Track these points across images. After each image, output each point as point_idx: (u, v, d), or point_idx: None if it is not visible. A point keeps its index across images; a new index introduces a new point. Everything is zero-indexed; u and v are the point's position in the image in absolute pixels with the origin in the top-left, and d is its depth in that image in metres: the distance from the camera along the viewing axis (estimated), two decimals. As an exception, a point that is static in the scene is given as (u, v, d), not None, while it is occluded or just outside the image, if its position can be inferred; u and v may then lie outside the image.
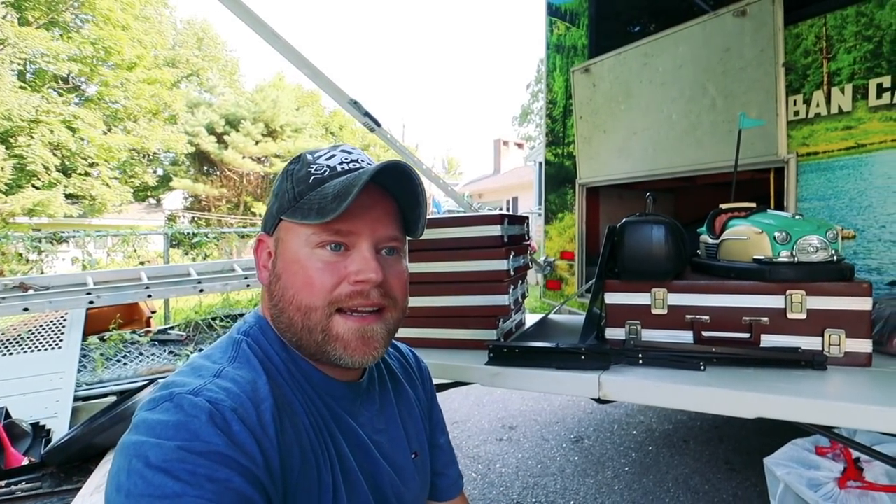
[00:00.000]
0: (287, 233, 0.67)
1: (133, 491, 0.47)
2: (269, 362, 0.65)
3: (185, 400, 0.53)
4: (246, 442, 0.53)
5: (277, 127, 23.07)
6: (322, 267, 0.64)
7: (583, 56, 3.13)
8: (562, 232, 3.34)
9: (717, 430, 2.99)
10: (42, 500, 2.25)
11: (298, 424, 0.62)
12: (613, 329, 1.30)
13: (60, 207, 15.33)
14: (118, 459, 0.51)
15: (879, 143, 1.83)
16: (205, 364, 0.61)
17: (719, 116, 2.30)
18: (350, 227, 0.65)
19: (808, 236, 1.13)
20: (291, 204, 0.66)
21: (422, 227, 0.71)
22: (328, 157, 0.69)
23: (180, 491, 0.47)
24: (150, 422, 0.52)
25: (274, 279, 0.68)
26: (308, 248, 0.65)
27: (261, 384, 0.60)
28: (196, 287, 3.35)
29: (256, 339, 0.67)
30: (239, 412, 0.54)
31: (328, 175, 0.67)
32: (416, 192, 0.68)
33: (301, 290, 0.64)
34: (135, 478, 0.48)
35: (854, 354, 1.09)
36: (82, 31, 16.09)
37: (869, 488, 1.45)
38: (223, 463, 0.50)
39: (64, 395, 2.76)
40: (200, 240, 7.61)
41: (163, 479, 0.47)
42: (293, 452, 0.59)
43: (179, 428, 0.51)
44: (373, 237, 0.66)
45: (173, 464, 0.48)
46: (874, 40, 1.84)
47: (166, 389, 0.56)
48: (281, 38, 2.21)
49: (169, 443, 0.50)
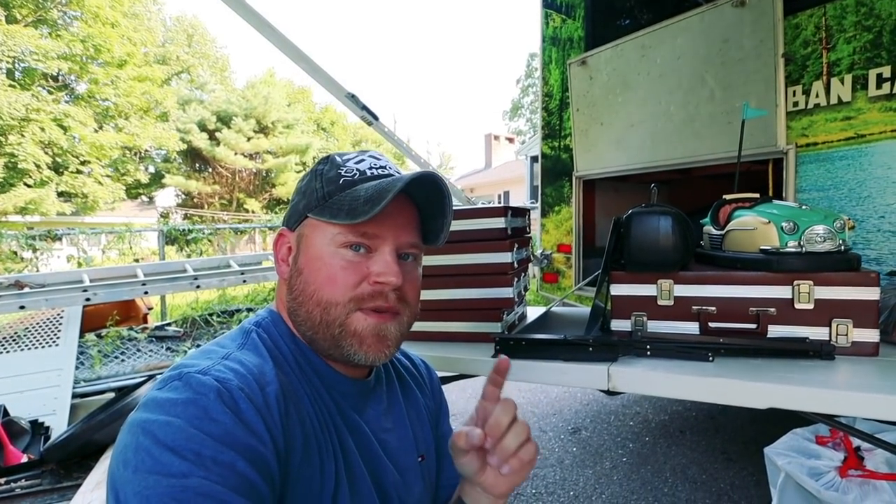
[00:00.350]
0: (312, 230, 0.68)
1: (140, 467, 0.48)
2: (278, 351, 0.67)
3: (193, 379, 0.54)
4: (252, 420, 0.54)
5: (269, 123, 22.95)
6: (345, 265, 0.66)
7: (579, 48, 3.12)
8: (558, 225, 3.34)
9: (713, 420, 3.01)
10: (42, 497, 2.24)
11: (303, 412, 0.63)
12: (619, 321, 1.30)
13: (53, 205, 15.22)
14: (125, 436, 0.51)
15: (879, 134, 1.84)
16: (214, 349, 0.63)
17: (718, 108, 2.30)
18: (376, 230, 0.66)
19: (816, 226, 1.13)
20: (320, 203, 0.68)
21: (443, 237, 0.74)
22: (357, 160, 0.71)
23: (187, 471, 0.47)
24: (160, 399, 0.53)
25: (295, 273, 0.69)
26: (332, 247, 0.66)
27: (267, 369, 0.61)
28: (192, 283, 3.34)
29: (267, 329, 0.69)
30: (245, 391, 0.55)
31: (358, 178, 0.68)
32: (444, 204, 0.71)
33: (323, 285, 0.66)
34: (142, 454, 0.48)
35: (861, 344, 1.09)
36: (71, 29, 15.90)
37: (870, 477, 1.46)
38: (229, 444, 0.51)
39: (62, 393, 2.74)
40: (196, 236, 7.55)
41: (170, 458, 0.48)
42: (296, 438, 0.60)
43: (188, 405, 0.51)
44: (396, 242, 0.68)
45: (181, 442, 0.49)
46: (874, 30, 1.84)
47: (175, 370, 0.56)
48: (278, 32, 2.19)
49: (177, 420, 0.50)
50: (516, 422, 0.63)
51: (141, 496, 0.46)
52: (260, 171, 23.01)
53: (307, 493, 0.60)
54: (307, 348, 0.69)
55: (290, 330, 0.70)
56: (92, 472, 2.28)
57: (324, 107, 28.87)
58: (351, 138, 29.00)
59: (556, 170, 3.36)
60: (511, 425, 0.62)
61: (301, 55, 2.21)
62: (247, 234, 13.34)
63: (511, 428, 0.62)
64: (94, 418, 2.48)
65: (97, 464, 2.34)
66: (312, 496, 0.60)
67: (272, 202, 23.31)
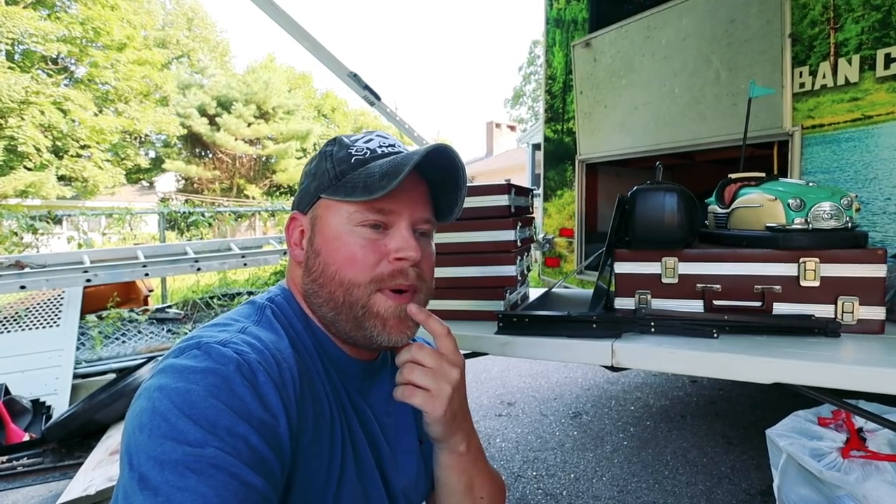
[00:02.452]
0: (326, 210, 0.68)
1: (156, 432, 0.47)
2: (292, 330, 0.67)
3: (213, 349, 0.53)
4: (269, 395, 0.53)
5: (269, 109, 22.80)
6: (364, 244, 0.65)
7: (583, 30, 3.09)
8: (561, 209, 3.32)
9: (713, 405, 3.02)
10: (44, 476, 2.26)
11: (316, 392, 0.63)
12: (623, 299, 1.29)
13: (53, 189, 15.20)
14: (141, 401, 0.50)
15: (886, 115, 1.81)
16: (227, 322, 0.62)
17: (723, 90, 2.28)
18: (392, 206, 0.66)
19: (823, 203, 1.12)
20: (333, 182, 0.67)
21: (458, 211, 0.73)
22: (366, 140, 0.71)
23: (202, 440, 0.47)
24: (178, 366, 0.52)
25: (312, 255, 0.68)
26: (349, 226, 0.66)
27: (283, 346, 0.61)
28: (193, 266, 3.33)
29: (281, 307, 0.68)
30: (264, 366, 0.55)
31: (370, 157, 0.68)
32: (458, 178, 0.70)
33: (344, 265, 0.65)
34: (158, 419, 0.48)
35: (867, 322, 1.08)
36: (70, 12, 15.76)
37: (872, 457, 1.46)
38: (245, 417, 0.50)
39: (63, 373, 2.75)
40: (196, 219, 7.52)
41: (187, 425, 0.47)
42: (308, 417, 0.59)
43: (207, 374, 0.51)
44: (411, 217, 0.68)
45: (199, 410, 0.48)
46: (883, 9, 1.81)
47: (192, 340, 0.56)
48: (281, 10, 2.16)
49: (196, 387, 0.50)
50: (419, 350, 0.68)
51: (155, 461, 0.46)
52: (260, 156, 22.92)
53: (315, 473, 0.59)
54: (318, 329, 0.69)
55: (302, 310, 0.70)
56: (94, 450, 2.30)
57: (325, 93, 28.70)
58: (352, 124, 28.84)
59: (558, 153, 3.33)
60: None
61: (304, 34, 2.18)
62: (247, 220, 13.30)
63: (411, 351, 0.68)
64: (95, 398, 2.49)
65: (98, 443, 2.36)
66: (320, 475, 0.60)
67: (272, 188, 23.25)
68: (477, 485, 0.74)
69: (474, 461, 0.74)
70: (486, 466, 0.78)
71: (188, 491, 0.44)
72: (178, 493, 0.44)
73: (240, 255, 3.60)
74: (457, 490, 0.73)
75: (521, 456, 2.48)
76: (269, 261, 3.84)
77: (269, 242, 4.36)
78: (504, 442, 2.64)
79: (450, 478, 0.73)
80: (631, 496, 2.10)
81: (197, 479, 0.45)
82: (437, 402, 0.66)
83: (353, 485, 0.64)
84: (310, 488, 0.59)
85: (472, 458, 0.74)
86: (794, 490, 1.58)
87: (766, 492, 2.05)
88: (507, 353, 1.18)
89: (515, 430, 2.79)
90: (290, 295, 0.71)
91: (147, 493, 0.44)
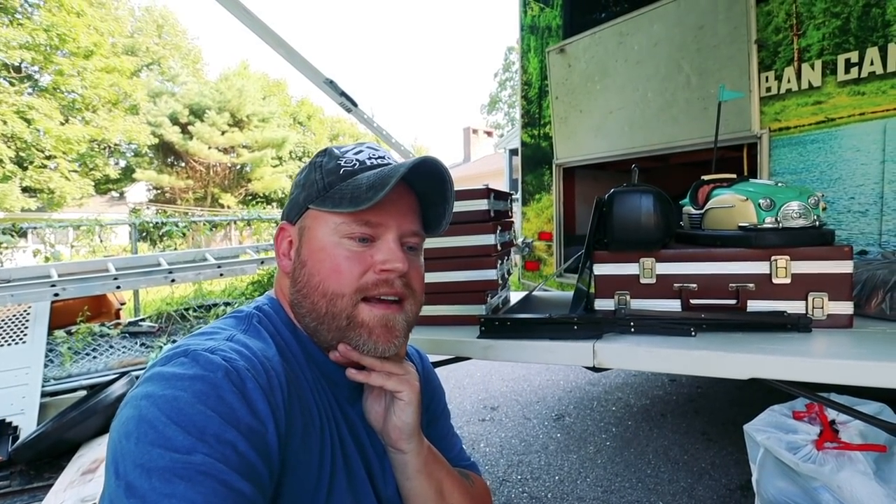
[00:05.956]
0: (314, 221, 0.68)
1: (143, 439, 0.46)
2: (280, 337, 0.66)
3: (201, 356, 0.53)
4: (258, 402, 0.53)
5: (244, 117, 22.57)
6: (349, 255, 0.66)
7: (557, 36, 3.13)
8: (539, 213, 3.35)
9: (692, 403, 3.07)
10: (12, 499, 2.17)
11: (305, 400, 0.62)
12: (602, 300, 1.31)
13: (17, 201, 14.74)
14: (127, 410, 0.50)
15: (848, 117, 1.88)
16: (215, 331, 0.62)
17: (694, 94, 2.33)
18: (379, 218, 0.66)
19: (791, 202, 1.15)
20: (321, 193, 0.68)
21: (445, 224, 0.74)
22: (356, 151, 0.71)
23: (190, 447, 0.46)
24: (166, 374, 0.51)
25: (298, 266, 0.69)
26: (336, 237, 0.66)
27: (271, 354, 0.61)
28: (167, 277, 3.26)
29: (268, 315, 0.69)
30: (252, 373, 0.55)
31: (359, 168, 0.68)
32: (445, 190, 0.70)
33: (328, 277, 0.65)
34: (145, 426, 0.47)
35: (836, 316, 1.12)
36: (33, 18, 15.35)
37: (845, 448, 1.50)
38: (233, 424, 0.50)
39: (30, 391, 2.65)
40: (170, 229, 7.34)
41: (174, 432, 0.47)
42: (296, 424, 0.59)
43: (195, 381, 0.50)
44: (399, 230, 0.68)
45: (187, 417, 0.48)
46: (842, 16, 1.88)
47: (179, 348, 0.55)
48: (256, 17, 2.14)
49: (184, 394, 0.49)
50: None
51: (142, 468, 0.45)
52: (235, 165, 22.63)
53: (304, 479, 0.59)
54: (307, 338, 0.69)
55: (290, 319, 0.70)
56: (64, 471, 2.22)
57: (300, 100, 28.49)
58: (328, 132, 28.69)
59: (536, 158, 3.37)
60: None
61: (279, 40, 2.16)
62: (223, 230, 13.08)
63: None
64: (65, 416, 2.41)
65: (69, 463, 2.28)
66: (309, 482, 0.60)
67: (248, 197, 22.95)
68: (447, 488, 0.74)
69: (438, 461, 0.75)
70: (451, 469, 0.78)
71: (176, 498, 0.44)
72: (165, 500, 0.43)
73: (216, 266, 3.53)
74: (429, 497, 0.72)
75: (506, 460, 2.49)
76: (246, 270, 3.77)
77: (246, 252, 4.29)
78: (488, 447, 2.64)
79: (421, 484, 0.72)
80: (615, 496, 2.12)
81: (185, 486, 0.44)
82: (415, 393, 0.69)
83: (344, 492, 0.63)
84: (299, 495, 0.58)
85: (434, 457, 0.74)
86: (772, 483, 1.61)
87: (745, 486, 2.09)
88: (490, 357, 1.19)
89: (499, 434, 2.79)
90: (278, 304, 0.71)
91: (134, 501, 0.43)
